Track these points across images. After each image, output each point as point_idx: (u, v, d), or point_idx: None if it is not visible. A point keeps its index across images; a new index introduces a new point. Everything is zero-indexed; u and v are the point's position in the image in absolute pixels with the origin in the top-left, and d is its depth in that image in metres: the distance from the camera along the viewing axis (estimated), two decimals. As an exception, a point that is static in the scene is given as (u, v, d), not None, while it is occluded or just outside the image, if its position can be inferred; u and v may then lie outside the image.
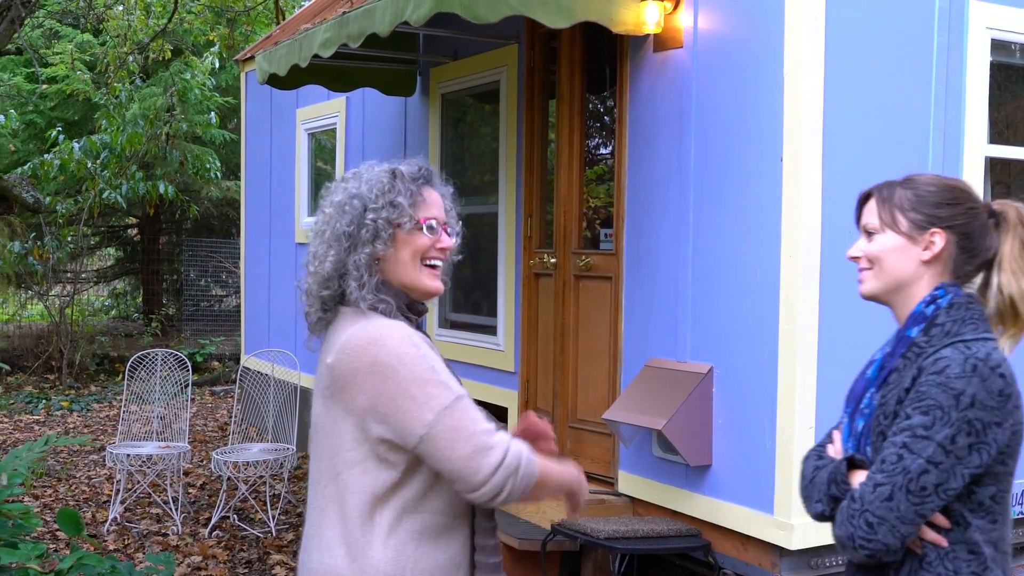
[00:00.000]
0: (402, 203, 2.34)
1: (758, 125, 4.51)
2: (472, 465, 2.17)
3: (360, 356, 2.23)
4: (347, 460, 2.27)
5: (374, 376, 2.21)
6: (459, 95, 7.16)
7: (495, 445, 2.20)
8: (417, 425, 2.18)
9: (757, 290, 4.50)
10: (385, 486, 2.26)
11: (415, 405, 2.18)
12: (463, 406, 2.21)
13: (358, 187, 2.36)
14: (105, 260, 20.27)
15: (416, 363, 2.20)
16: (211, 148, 15.29)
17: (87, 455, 9.52)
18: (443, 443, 2.17)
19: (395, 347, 2.21)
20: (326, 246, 2.35)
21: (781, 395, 4.37)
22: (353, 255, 2.32)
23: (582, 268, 5.65)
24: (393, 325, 2.27)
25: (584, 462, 5.67)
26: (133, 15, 13.03)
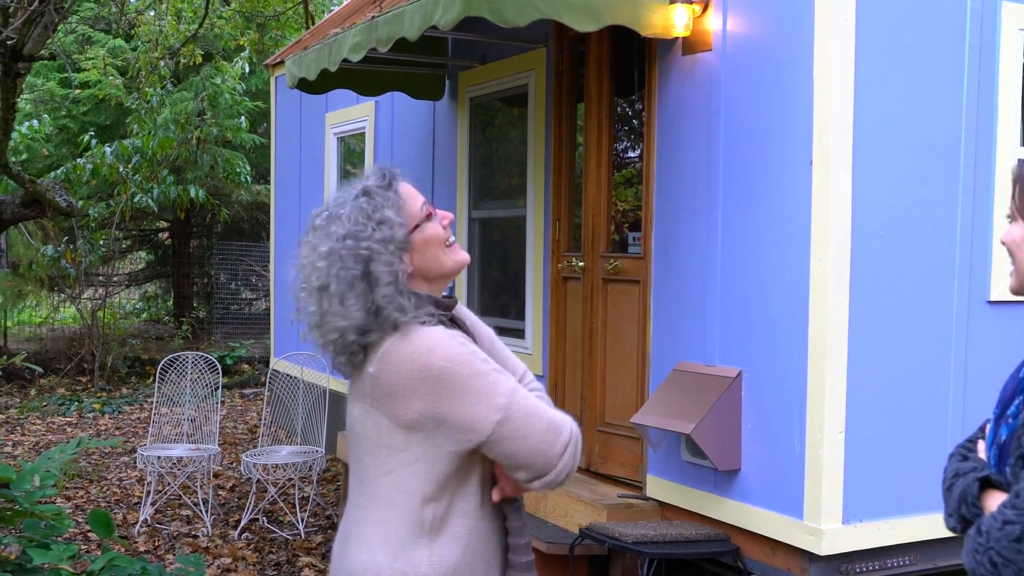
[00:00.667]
0: (390, 216, 2.28)
1: (788, 128, 4.49)
2: (549, 439, 2.21)
3: (406, 368, 2.21)
4: (392, 464, 2.28)
5: (428, 382, 2.19)
6: (487, 99, 7.17)
7: (561, 420, 2.25)
8: (491, 411, 2.19)
9: (786, 293, 4.48)
10: (432, 489, 2.26)
11: (482, 396, 2.19)
12: (522, 389, 2.25)
13: (341, 227, 2.27)
14: (136, 263, 20.41)
15: (470, 359, 2.22)
16: (241, 152, 15.38)
17: (118, 457, 9.58)
18: (520, 422, 2.20)
19: (443, 352, 2.21)
20: (339, 299, 2.26)
21: (810, 399, 4.35)
22: (379, 289, 2.26)
23: (610, 271, 5.64)
24: (433, 332, 2.25)
25: (612, 466, 5.66)
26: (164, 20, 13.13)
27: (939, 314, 4.58)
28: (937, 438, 4.58)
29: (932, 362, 4.57)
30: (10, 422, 11.18)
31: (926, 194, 4.53)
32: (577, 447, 2.25)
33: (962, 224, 4.61)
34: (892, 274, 4.45)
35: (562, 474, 2.24)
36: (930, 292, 4.56)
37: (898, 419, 4.49)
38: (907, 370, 4.51)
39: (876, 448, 4.42)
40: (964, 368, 4.64)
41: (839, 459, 4.31)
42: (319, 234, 2.31)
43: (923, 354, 4.55)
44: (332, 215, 2.31)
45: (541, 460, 2.22)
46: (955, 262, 4.61)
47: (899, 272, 4.47)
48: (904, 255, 4.48)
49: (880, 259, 4.41)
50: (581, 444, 2.28)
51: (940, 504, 2.09)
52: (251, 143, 15.39)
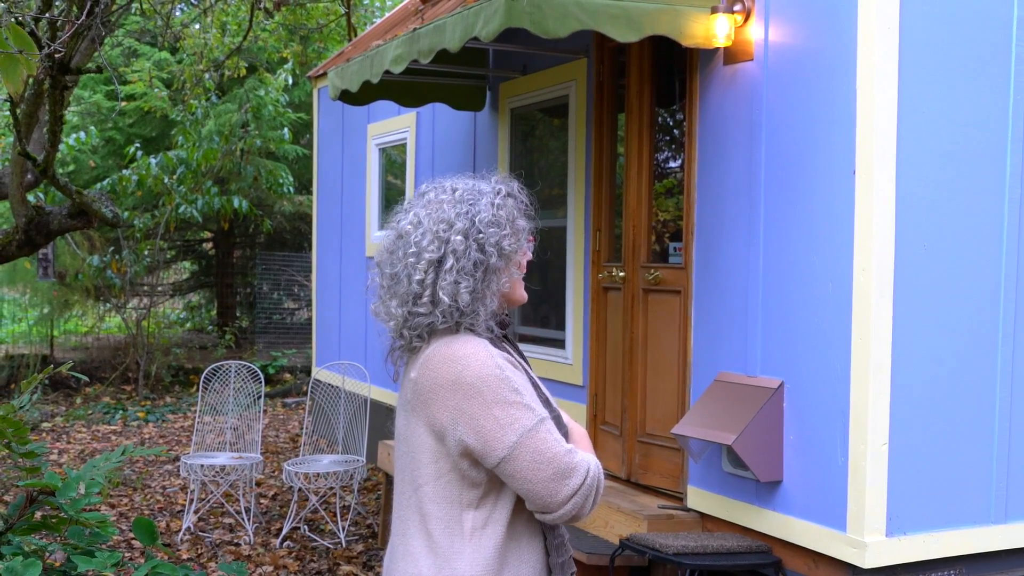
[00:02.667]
0: (523, 226, 2.35)
1: (830, 137, 4.46)
2: (552, 488, 2.20)
3: (443, 373, 2.24)
4: (428, 473, 2.29)
5: (457, 394, 2.22)
6: (528, 109, 7.18)
7: (576, 467, 2.22)
8: (499, 446, 2.19)
9: (829, 303, 4.44)
10: (467, 499, 2.27)
11: (498, 426, 2.19)
12: (545, 428, 2.22)
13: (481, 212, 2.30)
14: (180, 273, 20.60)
15: (499, 385, 2.21)
16: (284, 163, 15.49)
17: (162, 465, 9.67)
18: (524, 465, 2.20)
19: (478, 368, 2.22)
20: (454, 276, 2.27)
21: (854, 410, 4.31)
22: (493, 283, 2.30)
23: (651, 282, 5.62)
24: (478, 344, 2.27)
25: (652, 477, 5.64)
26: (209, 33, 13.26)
27: (984, 324, 4.53)
28: (983, 449, 4.52)
29: (977, 373, 4.52)
30: (56, 430, 11.32)
31: (971, 204, 4.48)
32: (589, 496, 2.24)
33: (1008, 234, 4.56)
34: (936, 285, 4.41)
35: (564, 518, 2.24)
36: (975, 303, 4.51)
37: (943, 430, 4.44)
38: (952, 381, 4.46)
39: (921, 460, 4.38)
40: (1010, 379, 4.58)
41: (883, 471, 4.27)
42: (453, 209, 2.31)
43: (968, 365, 4.50)
44: (476, 197, 2.32)
45: (540, 503, 2.23)
46: (1000, 272, 4.55)
47: (944, 283, 4.43)
48: (949, 266, 4.44)
49: (924, 270, 4.37)
50: (599, 493, 2.27)
51: (986, 516, 2.07)
52: (294, 154, 15.50)
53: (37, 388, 12.24)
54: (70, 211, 8.29)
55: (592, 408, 6.14)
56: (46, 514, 4.90)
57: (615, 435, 5.89)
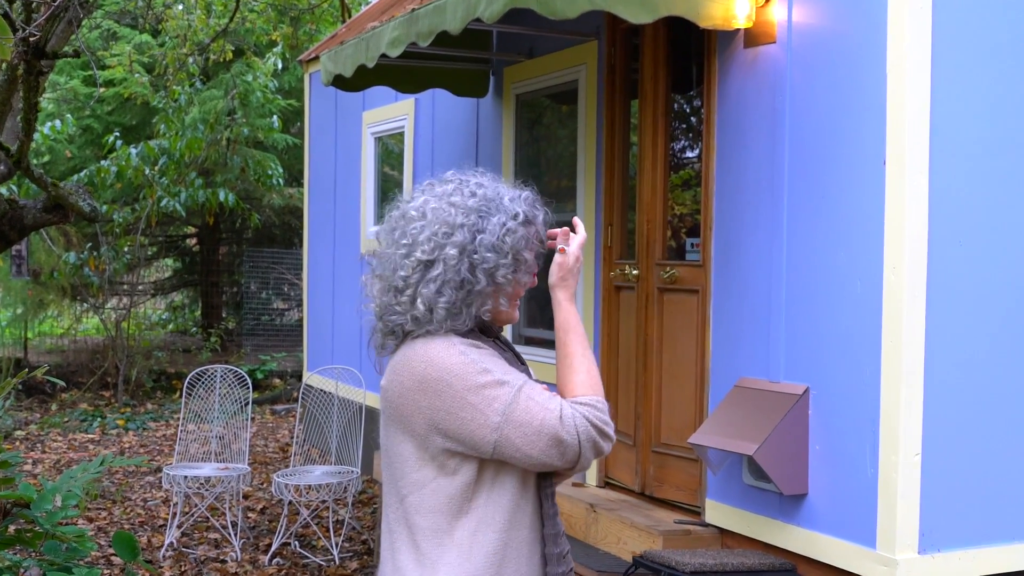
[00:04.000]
0: (528, 259, 2.37)
1: (859, 126, 4.45)
2: (555, 453, 2.25)
3: (408, 375, 2.28)
4: (411, 482, 2.32)
5: (427, 394, 2.25)
6: (535, 95, 7.18)
7: (565, 430, 2.24)
8: (487, 431, 2.23)
9: (857, 304, 4.44)
10: (455, 506, 2.28)
11: (478, 413, 2.23)
12: (525, 395, 2.25)
13: (486, 232, 2.31)
14: (163, 271, 20.63)
15: (466, 370, 2.24)
16: (273, 153, 15.51)
17: (143, 476, 9.68)
18: (519, 442, 2.23)
19: (441, 360, 2.26)
20: (437, 285, 2.29)
21: (884, 419, 4.31)
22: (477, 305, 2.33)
23: (666, 280, 5.62)
24: (440, 338, 2.30)
25: (668, 489, 5.64)
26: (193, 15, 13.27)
27: (1024, 327, 4.52)
28: (1023, 460, 4.51)
29: (1017, 378, 4.52)
30: (30, 438, 11.34)
31: (1011, 197, 4.48)
32: (595, 442, 2.27)
33: (1049, 229, 4.55)
34: (972, 284, 4.40)
35: (584, 468, 2.31)
36: (1015, 303, 4.50)
37: (980, 440, 4.44)
38: (990, 387, 4.46)
39: (956, 471, 4.37)
40: (1052, 386, 4.57)
41: (915, 483, 4.27)
42: (460, 215, 2.31)
43: (1007, 370, 4.49)
44: (489, 212, 2.33)
45: (552, 468, 2.29)
46: (1042, 270, 4.55)
47: (980, 282, 4.42)
48: (985, 263, 4.43)
49: (959, 268, 4.36)
50: (603, 432, 2.28)
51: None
52: (284, 144, 15.52)
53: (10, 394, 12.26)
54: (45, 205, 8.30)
55: (603, 416, 6.14)
56: (20, 528, 4.90)
57: (628, 445, 5.90)
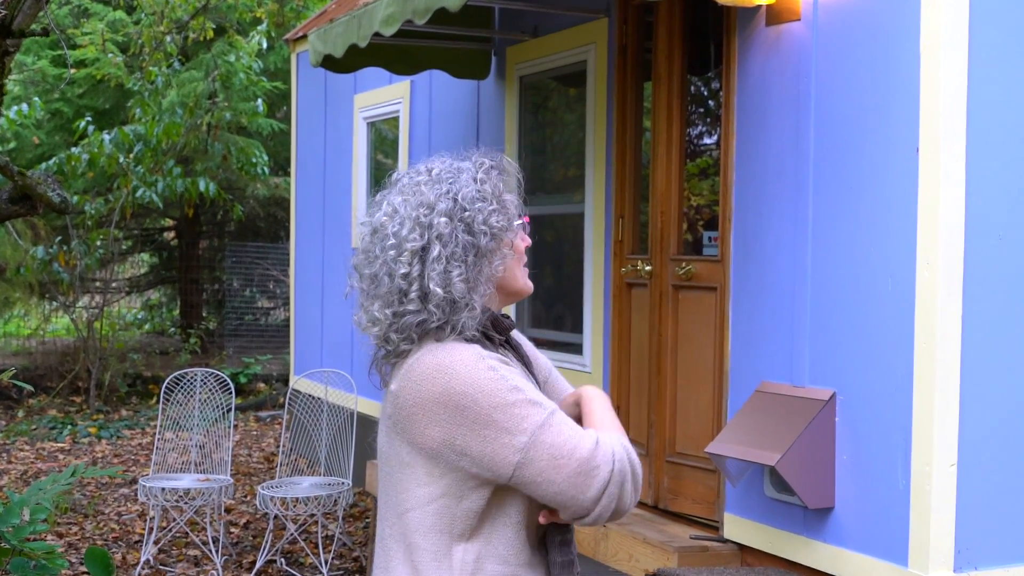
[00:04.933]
0: (511, 199, 2.38)
1: (890, 110, 4.46)
2: (579, 485, 2.20)
3: (428, 385, 2.25)
4: (415, 498, 2.30)
5: (448, 408, 2.23)
6: (540, 77, 7.18)
7: (600, 455, 2.22)
8: (509, 452, 2.20)
9: (888, 302, 4.44)
10: (459, 529, 2.27)
11: (503, 432, 2.20)
12: (558, 420, 2.23)
13: (463, 189, 2.32)
14: (138, 267, 20.65)
15: (495, 387, 2.22)
16: (258, 140, 15.51)
17: (117, 488, 9.70)
18: (543, 465, 2.20)
19: (468, 374, 2.23)
20: (443, 265, 2.28)
21: (917, 426, 4.31)
22: (486, 269, 2.33)
23: (682, 277, 5.63)
24: (465, 349, 2.28)
25: (684, 503, 5.64)
26: (171, -10, 13.27)
27: (1069, 327, 4.52)
28: (1066, 473, 4.52)
29: (1060, 383, 4.51)
30: (-5, 448, 11.36)
31: (1053, 187, 4.48)
32: (624, 482, 2.24)
33: (1096, 222, 4.55)
34: (1013, 280, 4.40)
35: (603, 517, 2.24)
36: (1058, 301, 4.50)
37: (1021, 449, 4.44)
38: (1031, 393, 4.46)
39: (994, 483, 4.37)
40: (1098, 391, 4.57)
41: (950, 496, 4.27)
42: (432, 190, 2.33)
43: (1050, 374, 4.49)
44: (456, 174, 2.35)
45: (573, 505, 2.23)
46: (1088, 266, 4.55)
47: (1021, 278, 4.42)
48: (1027, 258, 4.43)
49: (999, 263, 4.36)
50: (636, 476, 2.27)
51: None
52: (269, 129, 15.52)
53: (-27, 399, 12.26)
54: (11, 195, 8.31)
55: (614, 423, 6.14)
56: (-16, 544, 4.91)
57: (641, 455, 5.90)
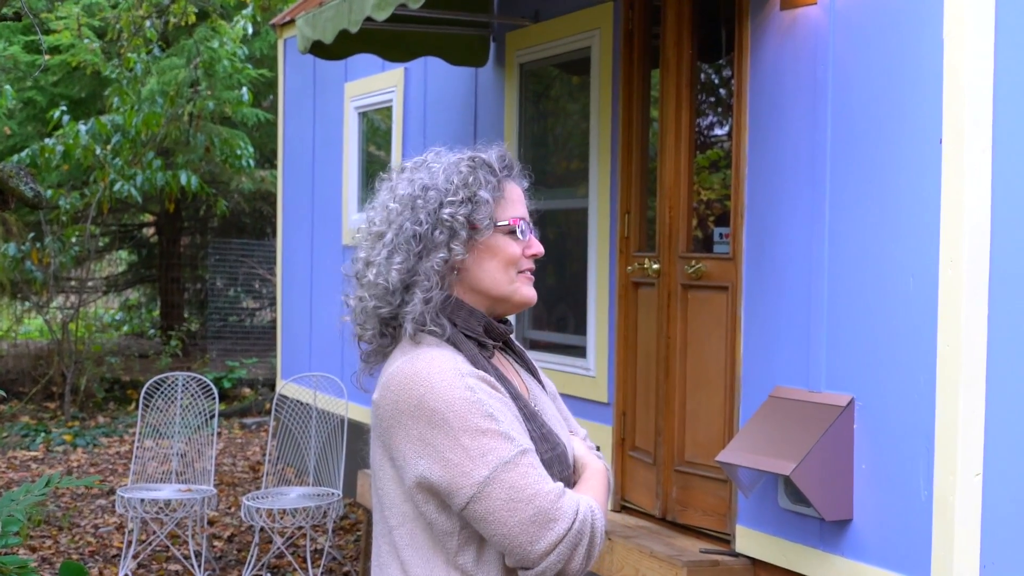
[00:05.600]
0: (484, 198, 2.39)
1: (911, 99, 4.45)
2: (531, 533, 2.20)
3: (405, 395, 2.27)
4: (397, 515, 2.33)
5: (420, 421, 2.25)
6: (541, 65, 7.18)
7: (561, 510, 2.22)
8: (467, 483, 2.21)
9: (910, 302, 4.44)
10: (451, 546, 2.28)
11: (467, 459, 2.21)
12: (527, 461, 2.24)
13: (430, 178, 2.39)
14: (116, 265, 20.66)
15: (469, 410, 2.23)
16: (242, 131, 15.51)
17: (94, 499, 9.70)
18: (498, 505, 2.20)
19: (444, 391, 2.25)
20: (388, 250, 2.36)
21: (940, 433, 4.31)
22: (425, 261, 2.35)
23: (692, 275, 5.63)
24: (445, 359, 2.30)
25: (693, 514, 5.64)
26: (151, -29, 13.27)
27: (1101, 329, 4.52)
28: (1098, 483, 4.52)
29: (1092, 388, 4.51)
30: (-35, 456, 11.36)
31: (1084, 180, 4.48)
32: (578, 546, 2.23)
33: None
34: (1042, 279, 4.40)
35: (548, 573, 2.22)
36: (1089, 302, 4.50)
37: (1049, 459, 4.44)
38: (1061, 398, 4.46)
39: (1022, 494, 4.37)
40: None
41: (975, 507, 4.27)
42: (402, 177, 2.43)
43: (1081, 378, 4.49)
44: (424, 163, 2.44)
45: (519, 553, 2.22)
46: (1121, 264, 4.55)
47: (1050, 277, 4.42)
48: (1057, 256, 4.43)
49: (1027, 261, 4.36)
50: (592, 543, 2.26)
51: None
52: (254, 120, 15.51)
53: (-59, 405, 12.26)
54: (-19, 189, 8.31)
55: (619, 431, 6.15)
56: (-47, 559, 4.92)
57: (647, 464, 5.90)
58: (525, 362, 2.58)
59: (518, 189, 2.51)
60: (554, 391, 2.65)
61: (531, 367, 2.59)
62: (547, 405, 2.53)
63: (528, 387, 2.52)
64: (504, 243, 2.43)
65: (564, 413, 2.61)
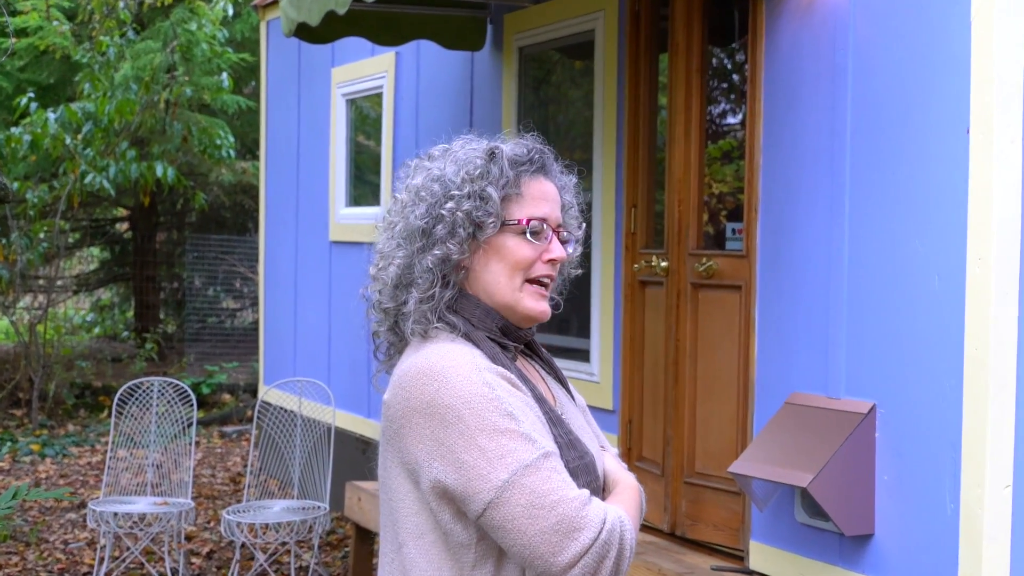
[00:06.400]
0: (491, 194, 2.35)
1: (937, 85, 4.46)
2: (554, 543, 2.16)
3: (417, 392, 2.25)
4: (409, 528, 2.30)
5: (433, 420, 2.22)
6: (542, 49, 7.18)
7: (587, 518, 2.18)
8: (484, 487, 2.17)
9: (935, 303, 4.44)
10: (455, 564, 2.26)
11: (484, 461, 2.17)
12: (549, 465, 2.20)
13: (443, 168, 2.38)
14: (87, 263, 20.64)
15: (486, 407, 2.20)
16: (222, 119, 15.50)
17: (63, 513, 9.69)
18: (518, 511, 2.16)
19: (460, 386, 2.22)
20: (395, 243, 2.37)
21: (967, 443, 4.31)
22: (423, 257, 2.34)
23: (702, 274, 5.63)
24: (461, 353, 2.28)
25: (704, 529, 5.65)
26: (124, -51, 13.28)
27: None
28: None
29: None
30: (-74, 467, 11.36)
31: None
32: (606, 558, 2.18)
33: None
34: (1076, 278, 4.41)
35: None
36: None
37: (1084, 470, 4.44)
38: (1096, 405, 4.46)
39: (1055, 508, 4.38)
40: None
41: (1005, 521, 4.27)
42: (421, 164, 2.44)
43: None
44: (449, 151, 2.43)
45: (540, 565, 2.18)
46: None
47: (1086, 275, 4.42)
48: (1092, 253, 4.43)
49: (1060, 258, 4.37)
50: (621, 556, 2.21)
51: None
52: (235, 107, 15.51)
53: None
54: (-57, 181, 8.31)
55: (625, 440, 6.15)
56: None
57: (655, 475, 5.91)
58: (553, 370, 2.56)
59: (548, 186, 2.46)
60: (583, 404, 2.61)
61: (559, 376, 2.57)
62: (575, 416, 2.50)
63: (555, 395, 2.50)
64: (513, 245, 2.39)
65: (594, 428, 2.58)
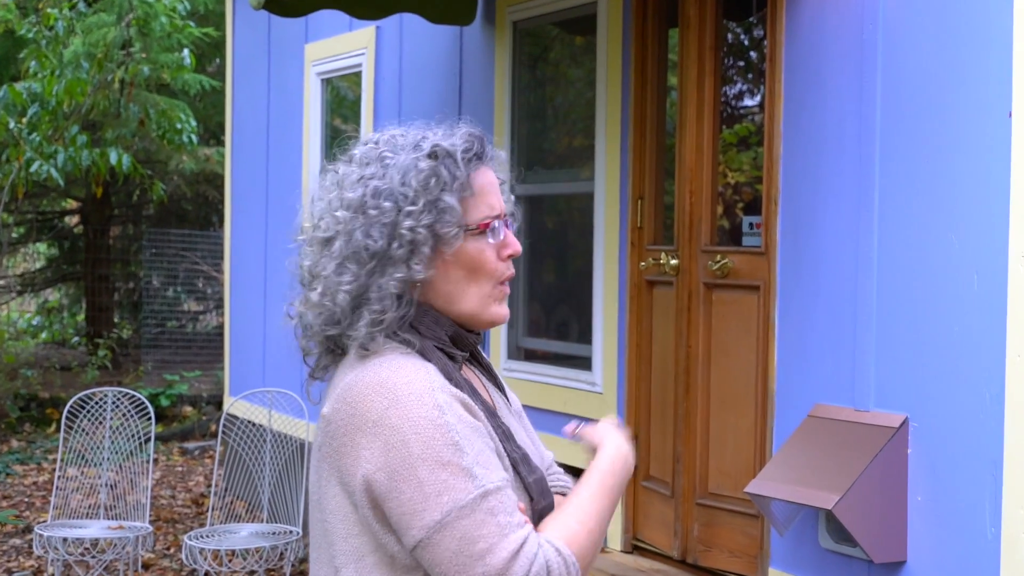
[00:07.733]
0: (451, 204, 2.34)
1: (976, 65, 4.47)
2: None
3: (366, 405, 2.26)
4: (347, 551, 2.32)
5: (377, 440, 2.23)
6: (539, 23, 7.18)
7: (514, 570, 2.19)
8: (416, 524, 2.20)
9: (974, 305, 4.46)
10: None
11: (420, 495, 2.20)
12: (486, 508, 2.21)
13: (385, 178, 2.35)
14: (33, 260, 20.63)
15: (434, 435, 2.22)
16: (184, 100, 15.49)
17: (6, 539, 9.69)
18: (446, 556, 2.19)
19: (410, 406, 2.24)
20: (337, 264, 2.34)
21: (1009, 460, 4.32)
22: (379, 278, 2.33)
23: (716, 273, 5.64)
24: (415, 370, 2.29)
25: (718, 555, 5.66)
26: (74, -89, 13.28)
27: None
28: None
29: None
30: None
31: None
32: None
33: None
34: None
35: None
36: None
37: None
38: None
39: (1106, 532, 4.39)
40: None
41: (1051, 548, 4.29)
42: (351, 171, 2.40)
43: None
44: (379, 153, 2.39)
45: None
46: None
47: None
48: None
49: (1112, 256, 4.38)
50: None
51: None
52: (198, 88, 15.50)
53: None
54: None
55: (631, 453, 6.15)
56: None
57: (664, 496, 5.91)
58: (491, 375, 2.58)
59: (489, 173, 2.45)
60: (519, 408, 2.63)
61: (497, 381, 2.59)
62: (515, 426, 2.53)
63: (496, 402, 2.52)
64: (477, 251, 2.39)
65: (532, 435, 2.60)
